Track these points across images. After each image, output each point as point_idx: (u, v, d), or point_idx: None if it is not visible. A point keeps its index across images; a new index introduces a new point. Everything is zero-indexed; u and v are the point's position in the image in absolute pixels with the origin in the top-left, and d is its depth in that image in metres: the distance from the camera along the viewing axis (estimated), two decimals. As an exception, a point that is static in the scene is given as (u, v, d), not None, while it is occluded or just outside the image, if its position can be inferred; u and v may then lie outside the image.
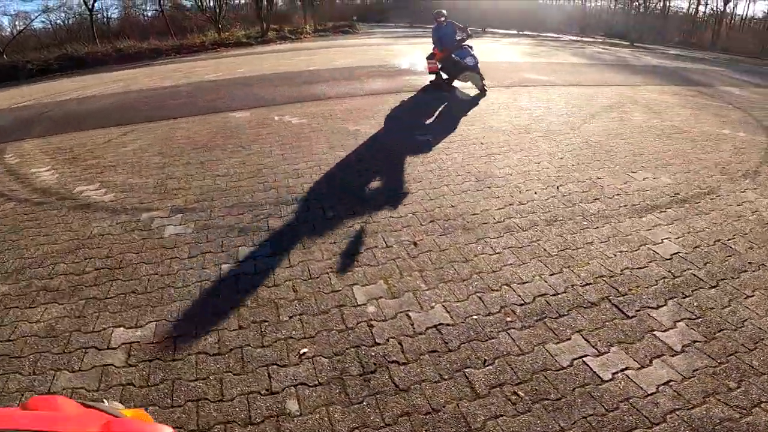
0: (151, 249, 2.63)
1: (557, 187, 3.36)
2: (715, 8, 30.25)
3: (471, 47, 6.44)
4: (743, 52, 23.50)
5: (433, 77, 6.99)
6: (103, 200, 3.37)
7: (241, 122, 5.28)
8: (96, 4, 29.77)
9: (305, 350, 1.83)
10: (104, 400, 0.81)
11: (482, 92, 6.47)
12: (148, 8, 36.89)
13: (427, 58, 6.73)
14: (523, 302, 2.08)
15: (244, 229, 2.75)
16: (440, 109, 5.68)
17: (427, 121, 5.14)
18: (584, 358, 1.77)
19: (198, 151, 4.27)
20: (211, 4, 31.55)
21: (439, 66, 6.67)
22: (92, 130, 5.48)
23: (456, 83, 6.79)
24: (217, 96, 7.07)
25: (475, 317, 2.00)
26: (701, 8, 31.53)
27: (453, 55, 6.28)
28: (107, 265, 2.50)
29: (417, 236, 2.68)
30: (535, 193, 3.26)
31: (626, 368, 1.72)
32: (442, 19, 6.42)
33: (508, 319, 1.98)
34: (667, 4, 33.71)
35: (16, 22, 31.08)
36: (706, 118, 5.63)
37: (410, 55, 12.14)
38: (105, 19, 34.73)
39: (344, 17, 35.94)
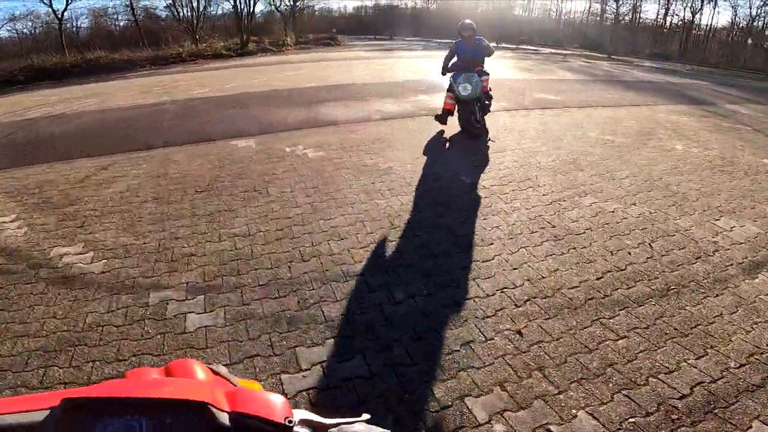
0: (174, 350, 1.90)
1: (650, 245, 2.83)
2: (683, 19, 31.41)
3: (485, 73, 5.14)
4: (712, 63, 24.43)
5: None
6: (92, 271, 2.59)
7: (246, 154, 4.55)
8: (65, 14, 28.16)
9: None
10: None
11: (471, 132, 5.03)
12: (120, 18, 35.33)
13: (448, 91, 5.14)
14: (681, 395, 1.70)
15: (293, 321, 2.05)
16: (469, 138, 5.12)
17: (463, 155, 4.57)
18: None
19: (202, 197, 3.52)
20: (188, 14, 30.49)
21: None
22: (65, 162, 4.61)
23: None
24: (211, 117, 6.30)
25: (632, 420, 1.58)
26: (668, 19, 32.68)
27: (451, 78, 5.03)
28: (117, 374, 1.76)
29: (519, 323, 2.07)
30: (629, 253, 2.72)
31: None
32: (468, 33, 4.92)
33: (674, 417, 1.62)
34: (637, 16, 34.86)
35: None
36: (738, 144, 5.41)
37: (408, 71, 11.64)
38: (75, 29, 33.05)
39: (324, 30, 35.58)
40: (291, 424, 0.43)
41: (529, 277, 2.48)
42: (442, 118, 5.25)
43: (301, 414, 0.47)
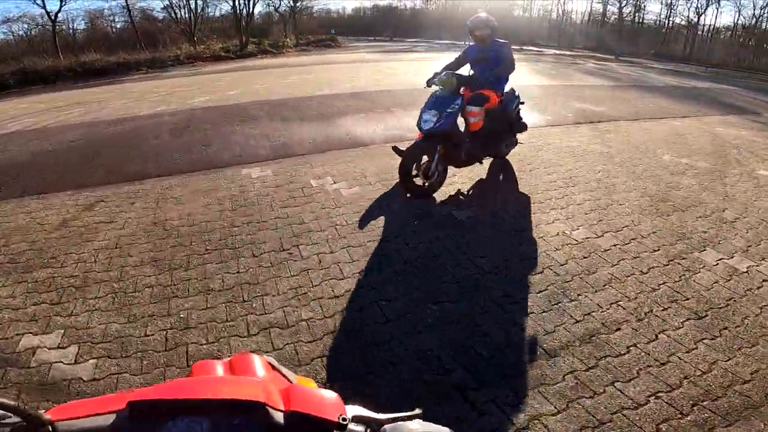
0: None
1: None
2: (688, 19, 30.90)
3: (483, 98, 3.50)
4: (720, 65, 23.82)
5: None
6: (80, 376, 1.79)
7: (263, 189, 3.71)
8: (60, 15, 27.24)
9: None
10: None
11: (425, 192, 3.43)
12: (116, 20, 34.45)
13: (470, 104, 3.44)
14: None
15: None
16: (553, 169, 4.30)
17: (554, 196, 3.75)
18: None
19: (214, 257, 2.68)
20: (186, 15, 29.64)
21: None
22: (40, 198, 3.76)
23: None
24: (215, 135, 5.46)
25: None
26: (672, 20, 32.16)
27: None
28: None
29: None
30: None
31: None
32: (481, 33, 3.59)
33: None
34: (640, 16, 34.31)
35: None
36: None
37: (422, 75, 10.71)
38: (71, 31, 32.21)
39: (322, 31, 34.90)
40: (345, 422, 0.44)
41: (686, 373, 1.76)
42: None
43: (354, 410, 0.48)
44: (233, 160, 4.47)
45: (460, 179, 3.85)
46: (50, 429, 0.49)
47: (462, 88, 3.43)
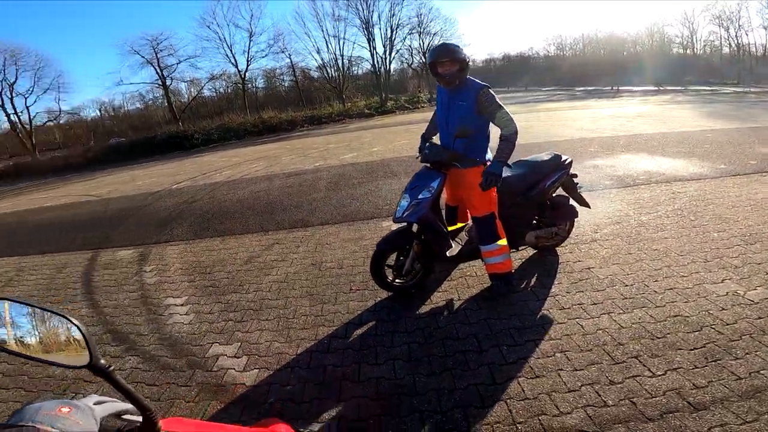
0: None
1: None
2: None
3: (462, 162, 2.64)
4: None
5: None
6: (243, 382, 2.29)
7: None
8: (247, 74, 34.46)
9: None
10: None
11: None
12: (285, 78, 41.92)
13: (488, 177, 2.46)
14: None
15: None
16: (726, 225, 3.80)
17: None
18: None
19: (356, 296, 3.09)
20: (335, 74, 34.71)
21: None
22: (235, 238, 4.89)
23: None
24: (361, 189, 6.25)
25: None
26: None
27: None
28: None
29: None
30: None
31: None
32: (445, 69, 2.49)
33: None
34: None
35: (191, 90, 37.84)
36: None
37: (606, 125, 10.32)
38: (254, 89, 40.16)
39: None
40: None
41: None
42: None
43: None
44: (376, 213, 5.06)
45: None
46: None
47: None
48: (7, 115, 31.70)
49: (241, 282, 3.64)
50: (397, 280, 2.94)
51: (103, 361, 0.64)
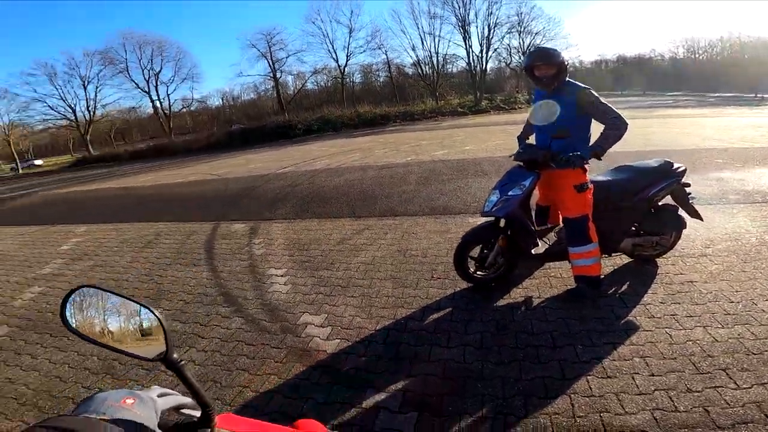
0: None
1: None
2: None
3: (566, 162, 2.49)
4: None
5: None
6: (325, 349, 2.55)
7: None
8: (345, 69, 36.49)
9: None
10: None
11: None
12: (380, 74, 43.32)
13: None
14: None
15: None
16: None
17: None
18: None
19: (437, 284, 3.19)
20: (429, 71, 34.72)
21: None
22: (330, 220, 5.30)
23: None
24: (451, 185, 6.29)
25: None
26: None
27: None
28: None
29: None
30: None
31: None
32: (542, 72, 2.49)
33: None
34: None
35: (297, 82, 41.15)
36: None
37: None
38: (351, 84, 42.32)
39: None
40: None
41: None
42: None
43: None
44: (464, 209, 5.07)
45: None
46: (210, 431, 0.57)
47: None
48: (152, 101, 37.92)
49: (332, 260, 3.97)
50: (478, 272, 3.00)
51: (176, 355, 0.64)
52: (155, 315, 0.66)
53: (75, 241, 6.09)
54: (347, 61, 36.25)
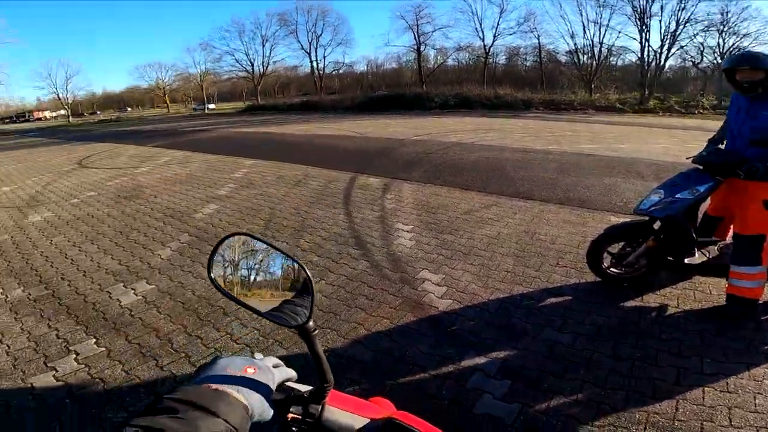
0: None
1: None
2: None
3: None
4: None
5: None
6: (437, 306, 2.74)
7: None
8: (491, 49, 34.92)
9: None
10: None
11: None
12: (527, 58, 40.26)
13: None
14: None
15: None
16: None
17: None
18: None
19: (561, 272, 3.08)
20: (587, 61, 30.82)
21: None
22: (460, 191, 5.41)
23: None
24: (596, 180, 5.78)
25: None
26: None
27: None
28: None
29: None
30: None
31: None
32: (744, 75, 2.33)
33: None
34: None
35: (438, 57, 41.10)
36: None
37: None
38: (494, 64, 40.36)
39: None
40: None
41: None
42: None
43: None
44: (607, 207, 4.65)
45: None
46: (319, 408, 0.57)
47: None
48: (311, 62, 42.09)
49: (457, 227, 4.12)
50: (612, 269, 2.84)
51: (311, 323, 0.59)
52: (306, 274, 0.63)
53: (243, 171, 7.41)
54: (494, 41, 34.59)
